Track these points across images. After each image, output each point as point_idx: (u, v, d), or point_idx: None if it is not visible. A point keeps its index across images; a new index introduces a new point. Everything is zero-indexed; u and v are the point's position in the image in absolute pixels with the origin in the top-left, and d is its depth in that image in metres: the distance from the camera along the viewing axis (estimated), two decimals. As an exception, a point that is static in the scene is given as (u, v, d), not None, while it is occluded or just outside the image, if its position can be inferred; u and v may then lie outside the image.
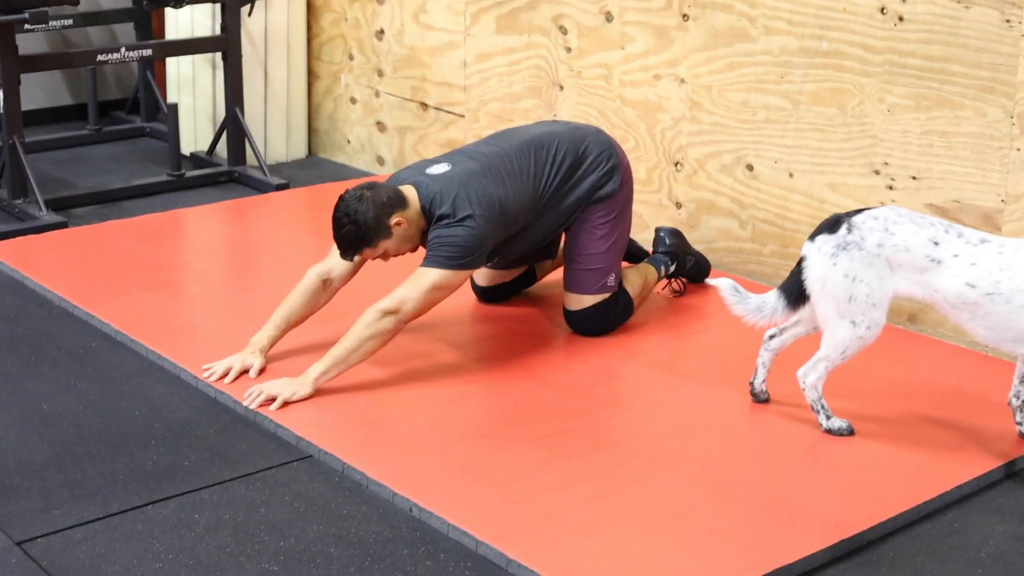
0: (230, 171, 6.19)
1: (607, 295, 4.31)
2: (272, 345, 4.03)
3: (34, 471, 3.48)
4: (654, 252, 4.68)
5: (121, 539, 3.17)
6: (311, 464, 3.55)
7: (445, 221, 3.93)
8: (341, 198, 3.92)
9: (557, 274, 4.62)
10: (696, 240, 4.95)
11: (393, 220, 3.89)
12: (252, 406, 3.78)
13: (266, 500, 3.37)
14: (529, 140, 4.22)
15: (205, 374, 3.95)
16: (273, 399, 3.78)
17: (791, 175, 4.73)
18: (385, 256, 4.00)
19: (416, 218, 3.97)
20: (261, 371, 3.97)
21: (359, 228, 3.86)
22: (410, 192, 3.99)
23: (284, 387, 3.81)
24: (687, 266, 4.69)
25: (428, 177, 4.02)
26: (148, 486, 3.42)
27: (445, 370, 4.07)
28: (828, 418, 3.65)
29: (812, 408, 3.66)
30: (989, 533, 3.28)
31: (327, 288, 4.07)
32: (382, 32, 6.22)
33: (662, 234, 4.72)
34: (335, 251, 4.03)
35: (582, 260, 4.28)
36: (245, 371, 3.95)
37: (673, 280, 4.67)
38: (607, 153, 4.28)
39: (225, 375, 3.93)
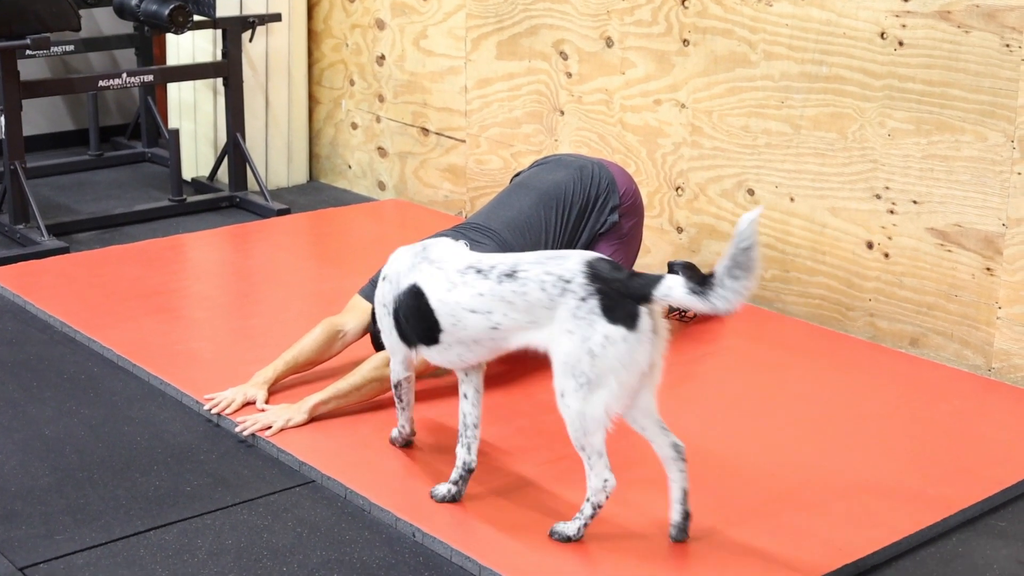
0: (231, 196, 6.21)
1: None
2: (276, 381, 4.02)
3: (36, 496, 3.48)
4: None
5: (123, 565, 3.16)
6: (314, 489, 3.55)
7: None
8: (373, 329, 4.02)
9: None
10: (697, 265, 4.95)
11: None
12: (245, 433, 3.79)
13: (268, 526, 3.36)
14: (540, 197, 4.27)
15: (207, 405, 3.95)
16: (268, 427, 3.79)
17: (792, 200, 4.73)
18: None
19: None
20: (265, 403, 3.97)
21: None
22: None
23: (280, 414, 3.82)
24: None
25: None
26: (150, 511, 3.41)
27: (447, 395, 4.07)
28: None
29: None
30: (993, 557, 3.27)
31: (339, 340, 4.09)
32: (383, 58, 6.24)
33: (675, 268, 4.72)
34: (351, 306, 4.13)
35: None
36: (247, 403, 3.94)
37: (685, 312, 4.67)
38: (606, 190, 4.32)
39: (227, 406, 3.92)
